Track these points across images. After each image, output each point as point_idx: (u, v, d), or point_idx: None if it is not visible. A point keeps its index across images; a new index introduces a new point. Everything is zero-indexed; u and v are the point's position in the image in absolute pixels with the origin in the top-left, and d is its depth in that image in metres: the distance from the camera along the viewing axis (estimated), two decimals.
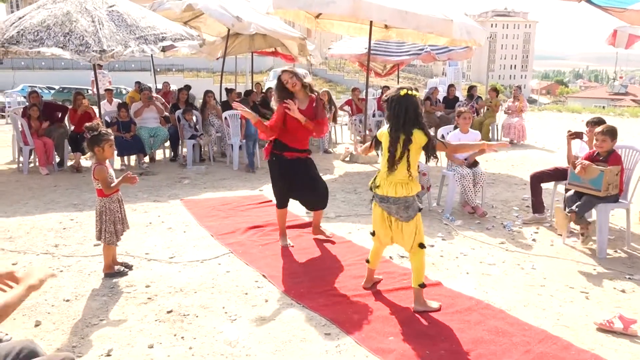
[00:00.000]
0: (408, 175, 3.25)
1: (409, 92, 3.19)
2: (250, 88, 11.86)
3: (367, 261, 3.71)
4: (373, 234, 3.59)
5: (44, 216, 5.41)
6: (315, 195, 4.58)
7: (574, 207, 4.47)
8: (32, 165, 8.00)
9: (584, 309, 3.44)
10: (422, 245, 3.34)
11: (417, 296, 3.36)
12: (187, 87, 9.88)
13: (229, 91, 10.18)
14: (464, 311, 3.34)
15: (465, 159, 5.63)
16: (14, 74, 33.36)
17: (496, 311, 3.36)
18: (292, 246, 4.57)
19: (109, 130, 3.84)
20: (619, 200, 4.58)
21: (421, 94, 11.58)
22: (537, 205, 5.37)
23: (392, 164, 3.24)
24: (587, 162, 4.47)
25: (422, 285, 3.35)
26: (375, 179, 3.42)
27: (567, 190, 4.83)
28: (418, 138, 3.20)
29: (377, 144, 3.48)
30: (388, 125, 3.31)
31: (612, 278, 3.96)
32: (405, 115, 3.16)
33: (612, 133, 4.50)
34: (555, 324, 3.21)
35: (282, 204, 4.60)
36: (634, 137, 11.71)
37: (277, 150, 4.40)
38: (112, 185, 3.76)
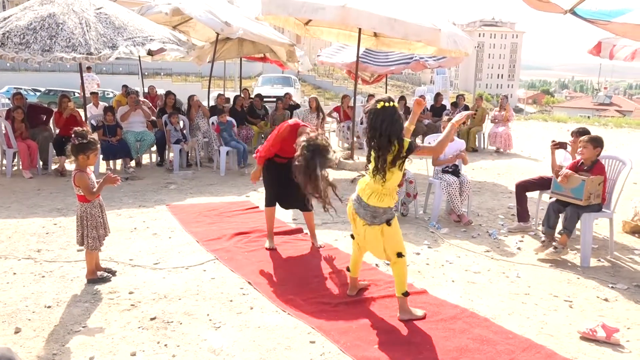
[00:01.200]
0: (383, 187, 3.24)
1: (386, 104, 3.18)
2: (239, 93, 11.84)
3: (348, 269, 3.73)
4: (353, 237, 3.58)
5: (27, 220, 5.33)
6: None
7: (562, 230, 4.56)
8: (15, 168, 7.89)
9: (567, 317, 3.47)
10: (400, 255, 3.33)
11: (401, 305, 3.36)
12: (169, 93, 9.79)
13: (218, 96, 10.17)
14: (448, 319, 3.35)
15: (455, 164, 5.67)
16: None
17: (481, 319, 3.37)
18: (275, 249, 4.59)
19: (96, 139, 3.81)
20: (603, 209, 4.63)
21: (410, 102, 11.66)
22: (522, 214, 5.41)
23: (375, 172, 3.24)
24: (569, 171, 4.53)
25: (406, 294, 3.35)
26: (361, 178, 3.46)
27: (551, 197, 4.88)
28: (395, 149, 3.18)
29: None
30: (366, 136, 3.32)
31: (595, 287, 3.99)
32: (381, 127, 3.16)
33: (593, 141, 4.53)
34: (539, 333, 3.23)
35: (271, 202, 4.66)
36: (618, 147, 11.88)
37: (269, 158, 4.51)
38: (94, 190, 3.72)
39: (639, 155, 9.40)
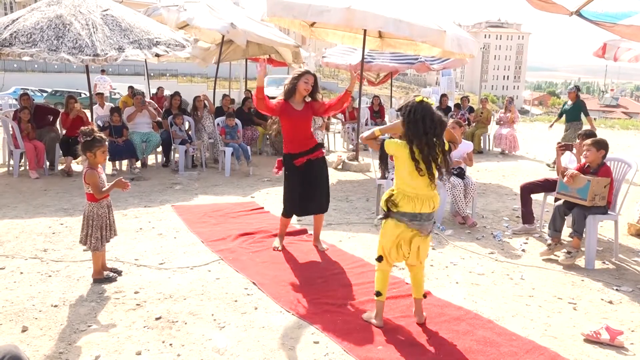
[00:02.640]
0: (434, 188, 3.10)
1: (424, 98, 3.07)
2: (244, 95, 11.87)
3: (377, 294, 3.24)
4: (379, 259, 3.22)
5: (34, 220, 5.37)
6: (325, 195, 4.61)
7: (572, 233, 4.55)
8: (22, 168, 7.95)
9: (571, 319, 3.47)
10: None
11: (421, 306, 3.33)
12: (176, 94, 9.86)
13: (223, 97, 10.21)
14: (452, 321, 3.36)
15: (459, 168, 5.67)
16: (4, 76, 32.93)
17: (484, 321, 3.37)
18: (280, 250, 4.62)
19: (103, 136, 3.82)
20: (608, 212, 4.62)
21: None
22: (527, 216, 5.40)
23: (427, 175, 3.02)
24: (575, 171, 4.53)
25: (425, 296, 3.38)
26: (390, 197, 3.10)
27: (556, 199, 4.88)
28: (442, 148, 3.05)
29: (382, 154, 3.19)
30: (405, 134, 3.05)
31: (599, 289, 3.99)
32: (424, 123, 2.97)
33: (596, 144, 4.51)
34: (543, 335, 3.23)
35: (290, 213, 4.63)
36: (624, 150, 11.83)
37: (287, 161, 4.45)
38: (104, 190, 3.74)
39: None
